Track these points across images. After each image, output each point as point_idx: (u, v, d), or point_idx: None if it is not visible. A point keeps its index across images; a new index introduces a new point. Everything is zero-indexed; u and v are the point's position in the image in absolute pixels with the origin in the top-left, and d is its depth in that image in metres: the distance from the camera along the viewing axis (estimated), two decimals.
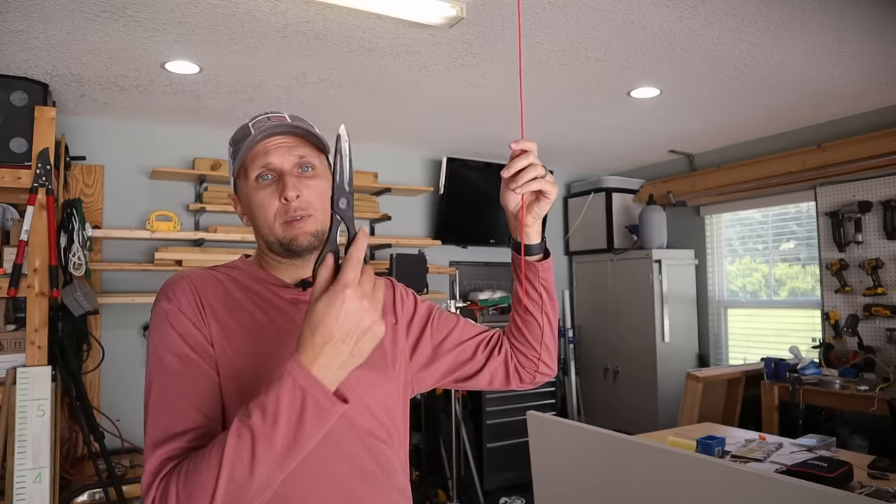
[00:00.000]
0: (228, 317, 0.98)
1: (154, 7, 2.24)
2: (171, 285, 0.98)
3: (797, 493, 1.46)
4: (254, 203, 1.02)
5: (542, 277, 1.13)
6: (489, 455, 4.22)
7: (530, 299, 1.13)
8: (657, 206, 4.74)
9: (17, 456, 2.55)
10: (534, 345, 1.16)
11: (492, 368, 1.17)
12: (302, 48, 2.65)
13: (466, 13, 2.31)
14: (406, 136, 4.19)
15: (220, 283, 1.02)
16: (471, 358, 1.17)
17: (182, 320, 0.94)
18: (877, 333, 3.58)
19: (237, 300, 1.01)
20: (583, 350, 5.08)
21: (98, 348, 3.26)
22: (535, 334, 1.15)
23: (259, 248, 1.08)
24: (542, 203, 1.05)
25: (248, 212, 1.05)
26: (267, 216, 1.01)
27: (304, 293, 1.05)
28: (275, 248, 1.02)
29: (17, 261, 2.68)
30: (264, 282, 1.05)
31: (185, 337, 0.93)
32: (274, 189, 1.01)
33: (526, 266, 1.12)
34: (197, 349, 0.93)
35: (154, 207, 3.65)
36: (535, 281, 1.12)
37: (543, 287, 1.13)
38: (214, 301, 0.98)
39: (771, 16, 2.40)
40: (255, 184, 1.02)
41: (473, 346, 1.17)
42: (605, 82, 3.14)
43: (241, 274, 1.05)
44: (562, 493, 2.16)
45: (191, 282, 0.99)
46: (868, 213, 3.63)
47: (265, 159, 1.01)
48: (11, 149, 2.78)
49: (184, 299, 0.96)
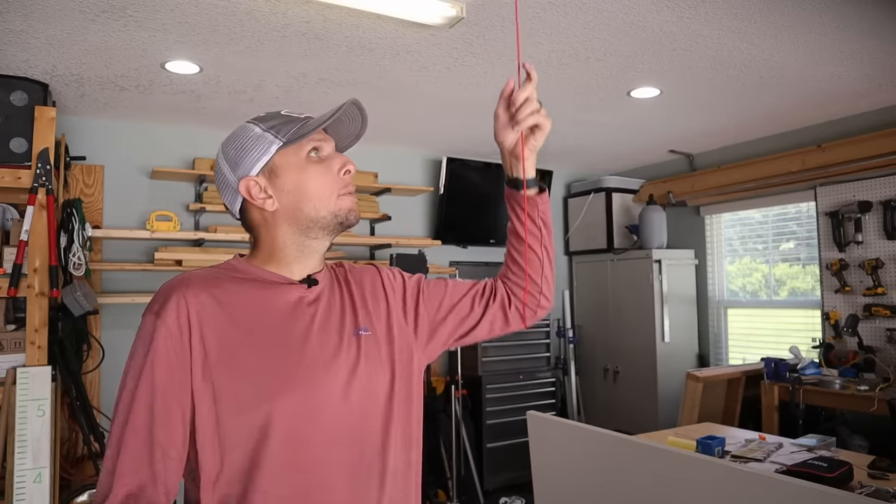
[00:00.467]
0: (228, 328, 0.96)
1: (154, 7, 2.24)
2: (165, 298, 0.96)
3: (797, 493, 1.46)
4: (307, 176, 1.02)
5: (541, 211, 1.16)
6: (489, 455, 4.22)
7: (531, 234, 1.16)
8: (657, 206, 4.74)
9: (17, 456, 2.55)
10: (535, 279, 1.18)
11: (490, 317, 1.18)
12: (302, 48, 2.65)
13: (466, 13, 2.31)
14: (406, 136, 4.19)
15: (220, 289, 0.99)
16: (468, 314, 1.18)
17: (167, 344, 0.93)
18: (877, 333, 3.57)
19: (238, 307, 0.98)
20: (583, 350, 5.08)
21: (98, 348, 3.26)
22: (536, 268, 1.17)
23: (271, 242, 1.05)
24: (538, 136, 1.10)
25: (297, 186, 1.03)
26: (326, 187, 1.03)
27: (308, 290, 1.04)
28: (324, 223, 1.03)
29: (17, 261, 2.68)
30: (268, 282, 1.03)
31: (168, 364, 0.92)
32: (329, 163, 1.04)
33: (522, 205, 1.14)
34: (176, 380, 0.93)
35: (154, 207, 3.65)
36: (534, 215, 1.15)
37: (542, 220, 1.16)
38: (212, 313, 0.96)
39: (771, 16, 2.40)
40: (307, 157, 1.03)
41: (469, 302, 1.18)
42: (605, 82, 3.14)
43: (241, 276, 1.03)
44: (562, 493, 2.16)
45: (185, 294, 0.96)
46: (868, 213, 3.63)
47: (315, 141, 1.04)
48: (11, 149, 2.78)
49: (172, 318, 0.94)
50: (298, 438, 0.94)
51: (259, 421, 0.92)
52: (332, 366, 0.99)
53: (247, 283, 1.02)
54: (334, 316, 1.05)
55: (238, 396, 0.93)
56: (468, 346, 4.37)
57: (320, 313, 1.03)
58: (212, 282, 1.00)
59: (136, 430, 0.91)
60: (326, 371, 0.98)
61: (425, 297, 1.17)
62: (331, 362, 0.99)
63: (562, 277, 5.32)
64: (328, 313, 1.04)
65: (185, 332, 0.94)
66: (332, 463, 0.95)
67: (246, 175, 1.02)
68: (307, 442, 0.94)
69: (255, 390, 0.93)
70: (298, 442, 0.93)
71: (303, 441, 0.94)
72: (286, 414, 0.93)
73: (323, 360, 0.99)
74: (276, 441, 0.92)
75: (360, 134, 1.10)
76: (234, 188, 1.04)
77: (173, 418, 0.92)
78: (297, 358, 0.97)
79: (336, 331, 1.03)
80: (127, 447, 0.90)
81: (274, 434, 0.92)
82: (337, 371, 0.99)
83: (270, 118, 1.04)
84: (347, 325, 1.05)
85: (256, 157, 1.02)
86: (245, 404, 0.93)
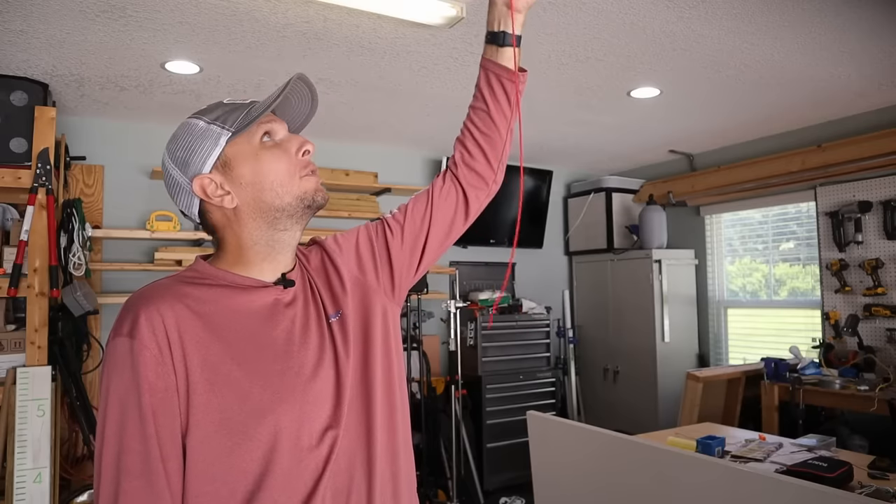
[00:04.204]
0: (210, 342, 0.88)
1: (154, 7, 2.24)
2: (135, 316, 0.86)
3: (797, 493, 1.46)
4: (264, 163, 0.94)
5: (519, 90, 1.08)
6: (489, 455, 4.22)
7: (500, 111, 1.08)
8: (657, 206, 4.74)
9: (17, 456, 2.55)
10: (491, 161, 1.11)
11: (443, 212, 1.12)
12: (302, 48, 2.65)
13: (466, 13, 2.30)
14: (406, 136, 4.19)
15: (192, 299, 0.90)
16: (430, 227, 1.11)
17: (148, 367, 0.84)
18: (877, 333, 3.57)
19: (216, 318, 0.90)
20: (583, 350, 5.08)
21: (98, 348, 3.26)
22: (497, 149, 1.11)
23: (237, 242, 0.97)
24: None
25: (255, 176, 0.94)
26: (281, 173, 0.95)
27: (284, 292, 0.97)
28: (291, 209, 0.96)
29: (17, 261, 2.68)
30: (240, 287, 0.95)
31: (152, 388, 0.84)
32: (286, 145, 0.97)
33: (508, 74, 1.07)
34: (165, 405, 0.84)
35: (154, 207, 3.65)
36: (510, 91, 1.07)
37: (516, 100, 1.08)
38: (191, 328, 0.88)
39: (771, 16, 2.40)
40: (261, 143, 0.96)
41: (428, 218, 1.11)
42: (605, 82, 3.14)
43: (210, 283, 0.94)
44: (562, 493, 2.16)
45: (158, 308, 0.86)
46: (868, 213, 3.63)
47: (267, 125, 0.97)
48: (11, 149, 2.78)
49: (149, 338, 0.85)
50: (299, 449, 0.89)
51: (261, 438, 0.87)
52: (321, 368, 0.94)
53: (219, 290, 0.93)
54: (312, 313, 0.99)
55: (229, 413, 0.86)
56: (469, 346, 4.37)
57: (299, 314, 0.97)
58: (182, 292, 0.91)
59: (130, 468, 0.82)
60: (316, 375, 0.93)
61: (390, 236, 1.09)
62: (318, 365, 0.94)
63: (562, 277, 5.32)
64: (306, 312, 0.98)
65: (165, 352, 0.85)
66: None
67: (198, 173, 0.94)
68: (308, 449, 0.90)
69: (249, 406, 0.87)
70: (300, 452, 0.89)
71: (304, 449, 0.90)
72: (288, 425, 0.88)
73: (311, 364, 0.94)
74: (282, 453, 0.88)
75: (312, 112, 1.03)
76: (188, 190, 0.95)
77: (168, 449, 0.84)
78: (283, 367, 0.91)
79: (316, 330, 0.97)
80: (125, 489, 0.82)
81: (279, 447, 0.87)
82: (323, 369, 0.95)
83: (213, 109, 0.96)
84: (322, 317, 0.99)
85: (206, 152, 0.94)
86: (239, 422, 0.86)
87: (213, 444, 0.85)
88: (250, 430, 0.86)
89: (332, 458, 0.91)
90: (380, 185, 4.30)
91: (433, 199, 1.11)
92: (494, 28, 1.07)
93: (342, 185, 4.16)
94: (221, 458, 0.85)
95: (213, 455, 0.85)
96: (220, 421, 0.86)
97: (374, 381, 0.99)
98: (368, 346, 1.00)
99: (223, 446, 0.86)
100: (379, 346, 1.01)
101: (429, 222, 1.10)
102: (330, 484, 0.91)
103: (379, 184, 4.32)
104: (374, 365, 0.99)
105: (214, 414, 0.86)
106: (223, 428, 0.86)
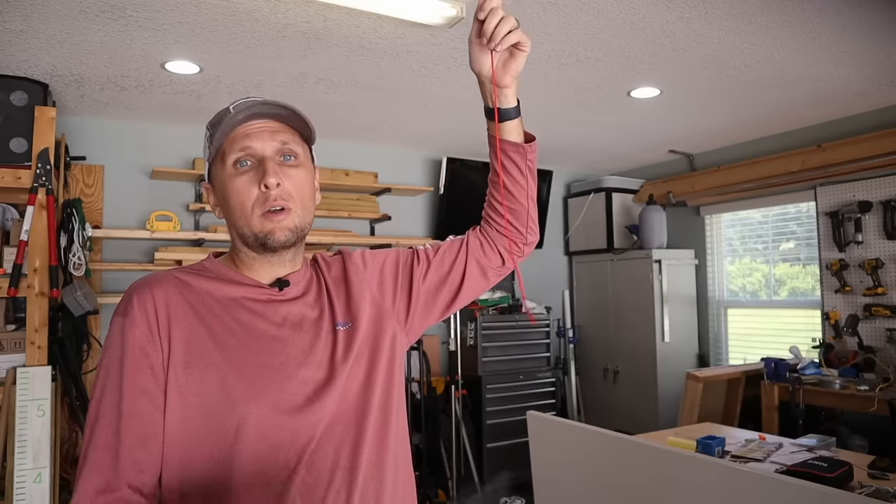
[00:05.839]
0: (197, 327, 0.92)
1: (154, 7, 2.24)
2: (130, 297, 0.92)
3: (797, 493, 1.46)
4: (230, 190, 0.94)
5: (529, 160, 1.05)
6: (489, 455, 4.22)
7: (515, 184, 1.06)
8: (657, 206, 4.74)
9: (17, 456, 2.55)
10: (520, 229, 1.10)
11: (474, 269, 1.11)
12: (302, 48, 2.65)
13: (466, 13, 2.30)
14: (406, 136, 4.19)
15: (188, 288, 0.95)
16: (463, 276, 1.10)
17: (136, 344, 0.89)
18: (877, 333, 3.57)
19: (206, 307, 0.94)
20: (583, 350, 5.08)
21: (98, 348, 3.26)
22: (522, 219, 1.09)
23: (232, 244, 1.01)
24: (519, 58, 1.00)
25: (223, 201, 0.96)
26: (244, 205, 0.93)
27: (279, 293, 0.98)
28: (249, 243, 0.95)
29: (17, 261, 2.68)
30: (236, 283, 0.97)
31: (138, 365, 0.88)
32: (253, 176, 0.93)
33: (513, 148, 1.05)
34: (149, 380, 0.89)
35: (154, 207, 3.65)
36: (521, 164, 1.05)
37: (529, 169, 1.06)
38: (180, 312, 0.92)
39: (771, 16, 2.40)
40: (232, 170, 0.94)
41: (462, 266, 1.10)
42: (605, 82, 3.14)
43: (211, 276, 0.98)
44: (562, 493, 2.16)
45: (152, 292, 0.92)
46: (868, 213, 3.63)
47: (245, 142, 0.94)
48: (11, 149, 2.78)
49: (140, 316, 0.90)
50: (269, 442, 0.89)
51: (230, 427, 0.87)
52: (304, 366, 0.94)
53: (215, 283, 0.97)
54: (314, 315, 0.99)
55: (206, 398, 0.88)
56: (469, 346, 4.37)
57: (294, 312, 0.98)
58: (180, 280, 0.95)
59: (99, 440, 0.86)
60: (296, 374, 0.93)
61: (419, 269, 1.09)
62: (302, 363, 0.94)
63: (562, 277, 5.32)
64: (305, 312, 0.99)
65: (154, 331, 0.90)
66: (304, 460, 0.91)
67: (205, 179, 1.02)
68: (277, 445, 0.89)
69: (224, 393, 0.88)
70: (269, 445, 0.89)
71: (273, 444, 0.89)
72: (257, 418, 0.88)
73: (294, 363, 0.93)
74: (248, 444, 0.88)
75: (293, 108, 0.98)
76: None
77: (145, 422, 0.87)
78: (264, 362, 0.92)
79: (311, 330, 0.97)
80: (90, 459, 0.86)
81: (245, 439, 0.87)
82: (308, 370, 0.94)
83: (215, 121, 0.97)
84: (325, 322, 0.99)
85: (206, 161, 1.00)
86: (215, 407, 0.88)
87: (190, 426, 0.88)
88: (222, 417, 0.88)
89: (303, 460, 0.89)
90: (380, 185, 4.30)
91: (468, 246, 1.11)
92: (488, 104, 1.05)
93: (342, 184, 4.17)
94: (199, 441, 0.88)
95: (190, 438, 0.88)
96: (199, 404, 0.88)
97: (372, 398, 0.98)
98: (373, 364, 1.00)
99: (199, 430, 0.88)
100: (383, 366, 1.01)
101: (463, 267, 1.10)
102: (301, 489, 0.89)
103: (379, 184, 4.32)
104: (375, 383, 0.99)
105: (192, 396, 0.88)
106: (200, 412, 0.88)
